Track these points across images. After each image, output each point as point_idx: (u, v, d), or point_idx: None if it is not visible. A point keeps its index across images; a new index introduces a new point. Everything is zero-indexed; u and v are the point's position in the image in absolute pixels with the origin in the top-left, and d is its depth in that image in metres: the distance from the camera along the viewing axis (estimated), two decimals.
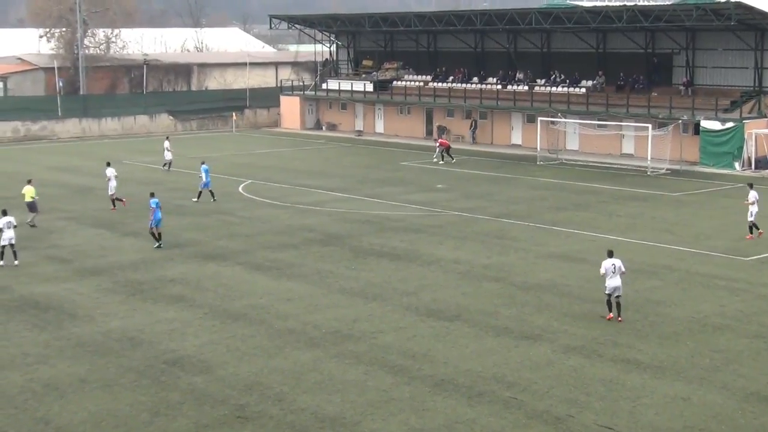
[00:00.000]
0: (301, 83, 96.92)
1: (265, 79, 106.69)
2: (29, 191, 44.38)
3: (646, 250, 38.67)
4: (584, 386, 23.70)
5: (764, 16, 62.78)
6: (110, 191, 48.92)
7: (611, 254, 29.30)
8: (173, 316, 30.05)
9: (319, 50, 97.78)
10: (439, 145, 67.88)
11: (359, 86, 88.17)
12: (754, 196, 41.08)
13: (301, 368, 25.14)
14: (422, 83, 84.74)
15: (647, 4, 76.33)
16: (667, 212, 47.52)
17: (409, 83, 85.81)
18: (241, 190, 54.84)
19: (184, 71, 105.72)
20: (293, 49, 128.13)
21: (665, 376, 24.43)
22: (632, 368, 24.95)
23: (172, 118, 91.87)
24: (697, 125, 64.69)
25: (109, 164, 50.16)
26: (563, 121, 69.39)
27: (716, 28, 65.80)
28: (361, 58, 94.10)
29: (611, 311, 29.06)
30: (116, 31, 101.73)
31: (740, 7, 61.99)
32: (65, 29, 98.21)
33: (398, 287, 33.26)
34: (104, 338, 27.80)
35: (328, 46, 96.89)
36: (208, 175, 50.78)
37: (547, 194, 53.00)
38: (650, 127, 62.22)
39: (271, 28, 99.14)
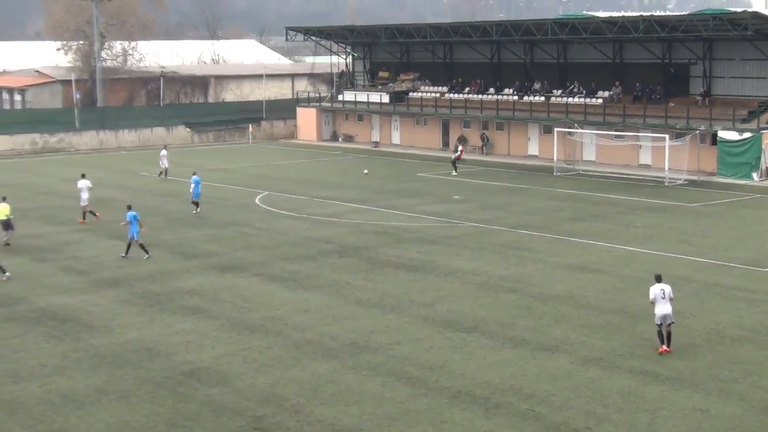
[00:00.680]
0: (317, 95, 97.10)
1: (281, 90, 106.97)
2: (4, 209, 42.54)
3: (663, 261, 38.51)
4: (602, 398, 23.60)
5: None
6: (82, 203, 48.58)
7: (659, 279, 27.37)
8: (190, 327, 30.08)
9: (335, 62, 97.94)
10: (456, 156, 67.57)
11: (375, 98, 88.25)
12: None
13: (318, 380, 25.12)
14: (438, 94, 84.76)
15: (664, 14, 76.27)
16: (684, 223, 47.34)
17: (425, 94, 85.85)
18: (257, 201, 54.92)
19: (200, 83, 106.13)
20: (309, 60, 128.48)
21: (684, 387, 24.31)
22: (650, 380, 24.83)
23: (188, 130, 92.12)
24: (714, 135, 64.46)
25: (83, 176, 49.86)
26: (580, 131, 69.27)
27: (733, 38, 65.62)
28: (377, 69, 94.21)
29: (663, 343, 26.96)
30: (133, 43, 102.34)
31: (757, 17, 61.83)
32: (83, 42, 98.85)
33: (415, 298, 33.22)
34: (122, 349, 27.85)
35: (344, 57, 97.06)
36: (198, 186, 50.79)
37: (564, 205, 52.89)
38: (667, 137, 62.04)
39: (287, 40, 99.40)
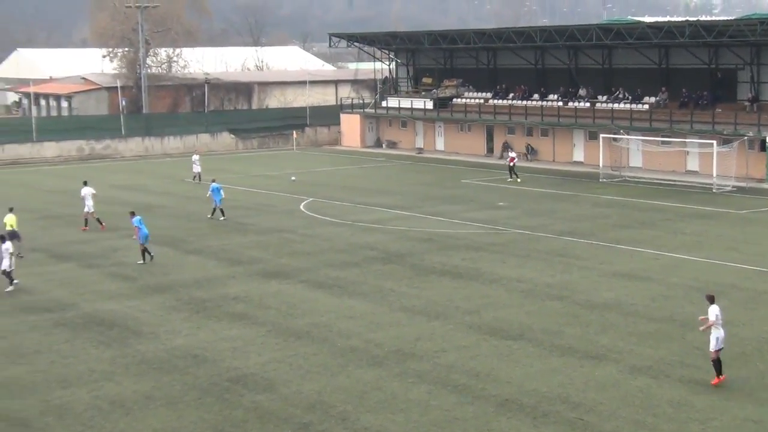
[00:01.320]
0: (360, 101, 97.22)
1: (325, 97, 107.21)
2: (11, 220, 42.39)
3: (711, 268, 38.07)
4: (652, 407, 23.33)
5: None
6: (87, 209, 48.76)
7: (713, 300, 25.21)
8: (236, 333, 30.15)
9: (378, 68, 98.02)
10: (509, 162, 67.05)
11: (419, 104, 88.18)
12: None
13: (364, 387, 25.06)
14: (482, 100, 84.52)
15: (710, 19, 75.53)
16: (733, 230, 46.79)
17: (469, 100, 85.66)
18: (302, 208, 55.01)
19: (244, 90, 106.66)
20: (353, 67, 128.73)
21: (735, 397, 23.97)
22: (701, 389, 24.51)
23: (233, 136, 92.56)
24: (763, 141, 63.67)
25: (86, 183, 50.14)
26: (626, 137, 68.72)
27: None
28: (420, 75, 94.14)
29: (721, 372, 24.98)
30: (178, 50, 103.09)
31: None
32: (128, 49, 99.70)
33: (460, 306, 33.08)
34: (168, 355, 27.96)
35: (387, 63, 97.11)
36: (217, 193, 51.01)
37: (610, 212, 52.48)
38: (715, 143, 61.39)
39: (330, 46, 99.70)
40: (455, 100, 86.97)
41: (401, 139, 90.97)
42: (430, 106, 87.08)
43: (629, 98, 74.51)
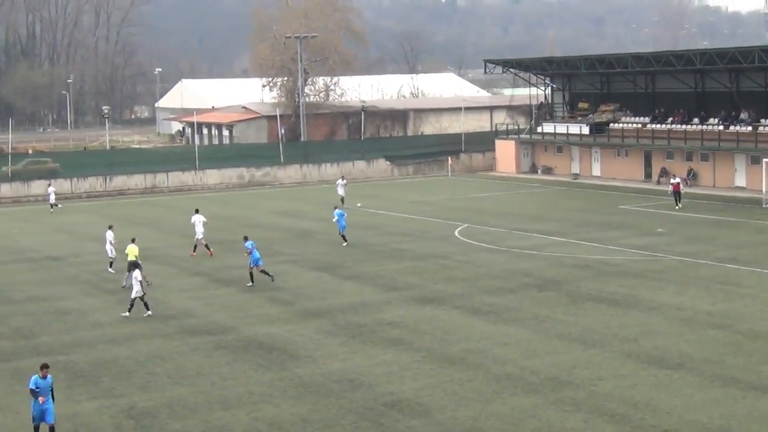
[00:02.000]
0: (515, 127, 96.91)
1: (479, 123, 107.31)
2: (133, 250, 42.12)
3: None
4: None
5: None
6: (198, 236, 49.65)
7: None
8: (391, 358, 30.37)
9: (533, 93, 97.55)
10: (672, 189, 65.29)
11: (575, 129, 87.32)
12: None
13: (519, 414, 24.91)
14: (640, 125, 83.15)
15: None
16: None
17: (626, 125, 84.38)
18: (457, 234, 55.10)
19: (400, 117, 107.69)
20: (508, 92, 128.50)
21: None
22: None
23: (389, 163, 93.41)
24: None
25: (197, 211, 51.33)
26: None
27: None
28: (576, 100, 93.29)
29: None
30: (335, 79, 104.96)
31: None
32: (287, 78, 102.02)
33: (618, 333, 32.55)
34: (325, 379, 28.37)
35: (542, 89, 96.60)
36: (342, 218, 51.29)
37: None
38: None
39: (485, 72, 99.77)
40: (612, 124, 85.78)
41: (557, 164, 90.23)
42: (586, 131, 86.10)
43: None
